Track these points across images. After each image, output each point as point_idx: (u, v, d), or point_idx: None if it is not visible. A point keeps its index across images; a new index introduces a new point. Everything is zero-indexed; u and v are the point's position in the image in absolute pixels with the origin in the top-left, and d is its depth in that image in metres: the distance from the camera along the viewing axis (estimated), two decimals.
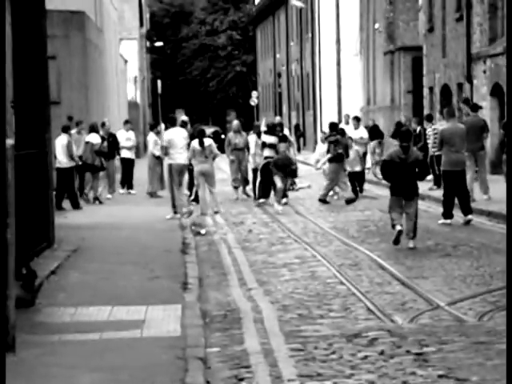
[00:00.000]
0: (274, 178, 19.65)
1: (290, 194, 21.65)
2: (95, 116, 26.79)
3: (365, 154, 25.20)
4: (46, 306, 9.44)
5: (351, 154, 21.49)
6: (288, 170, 19.59)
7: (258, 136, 21.78)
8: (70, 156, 20.20)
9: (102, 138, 21.88)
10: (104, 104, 32.57)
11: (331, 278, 11.27)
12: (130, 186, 24.10)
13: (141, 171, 24.69)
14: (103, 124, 23.21)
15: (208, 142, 18.40)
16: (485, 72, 26.07)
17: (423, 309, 9.35)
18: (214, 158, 18.55)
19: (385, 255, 12.90)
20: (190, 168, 19.10)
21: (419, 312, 9.19)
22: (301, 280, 11.20)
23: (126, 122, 26.15)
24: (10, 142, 7.67)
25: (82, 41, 27.09)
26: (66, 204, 19.77)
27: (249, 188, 22.68)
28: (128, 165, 24.02)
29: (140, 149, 39.48)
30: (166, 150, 17.86)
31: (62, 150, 19.96)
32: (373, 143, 28.53)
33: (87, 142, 21.22)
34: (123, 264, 12.11)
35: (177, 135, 17.92)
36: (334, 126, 21.90)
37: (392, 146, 17.66)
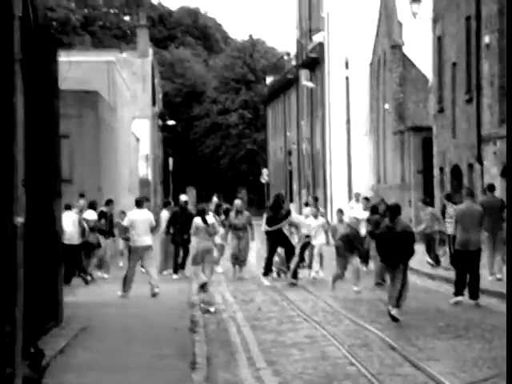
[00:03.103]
0: (342, 258, 18.64)
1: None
2: (107, 194, 26.92)
3: None
4: None
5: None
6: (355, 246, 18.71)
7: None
8: (82, 232, 20.22)
9: (102, 216, 21.68)
10: (116, 182, 32.78)
11: (341, 359, 11.14)
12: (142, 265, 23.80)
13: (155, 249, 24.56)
14: (108, 202, 22.96)
15: (211, 219, 18.45)
16: (495, 153, 26.18)
17: None
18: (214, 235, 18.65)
19: (395, 336, 12.77)
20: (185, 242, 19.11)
21: None
22: (310, 360, 11.08)
23: (146, 199, 26.18)
24: (19, 219, 7.70)
25: (95, 120, 27.42)
26: (74, 280, 19.71)
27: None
28: None
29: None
30: (125, 232, 17.99)
31: (74, 226, 19.97)
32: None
33: (83, 219, 21.11)
34: (131, 342, 12.01)
35: (140, 217, 17.98)
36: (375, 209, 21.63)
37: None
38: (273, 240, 21.38)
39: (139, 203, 18.46)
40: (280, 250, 21.56)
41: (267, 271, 21.31)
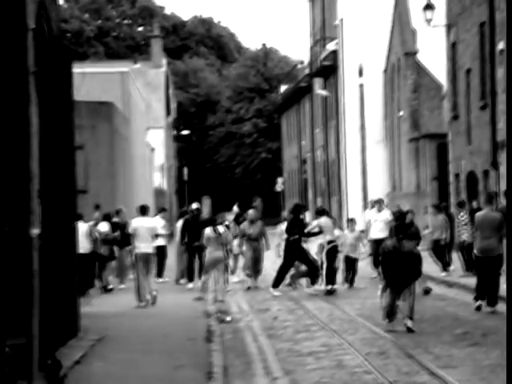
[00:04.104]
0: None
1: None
2: (122, 204, 26.98)
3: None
4: None
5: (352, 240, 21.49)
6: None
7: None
8: (94, 242, 20.29)
9: (116, 226, 21.69)
10: (131, 192, 32.85)
11: (358, 367, 11.10)
12: (160, 275, 23.78)
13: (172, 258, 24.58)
14: (118, 212, 22.95)
15: (222, 229, 18.44)
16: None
17: None
18: (226, 245, 18.57)
19: (412, 343, 12.72)
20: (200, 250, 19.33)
21: None
22: (327, 369, 11.04)
23: (162, 209, 26.20)
24: (35, 231, 7.72)
25: (110, 130, 27.50)
26: (91, 290, 19.75)
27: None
28: (161, 252, 23.67)
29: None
30: (132, 239, 18.09)
31: (85, 236, 20.03)
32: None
33: (96, 230, 21.12)
34: (148, 353, 12.01)
35: (143, 224, 18.03)
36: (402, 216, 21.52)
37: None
38: (291, 253, 20.63)
39: (143, 210, 18.49)
40: (298, 263, 21.14)
41: (278, 283, 20.83)
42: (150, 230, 18.13)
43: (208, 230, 18.38)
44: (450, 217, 23.67)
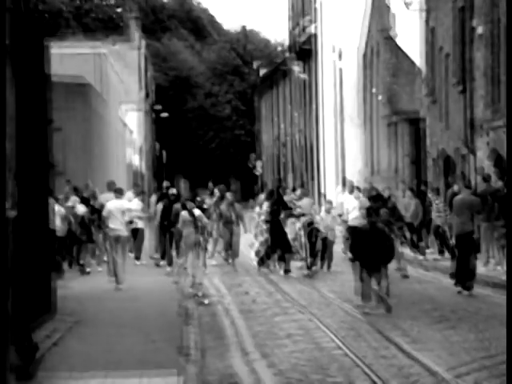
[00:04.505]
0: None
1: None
2: (98, 186, 26.86)
3: None
4: (47, 377, 9.32)
5: (328, 221, 21.47)
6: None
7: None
8: (69, 223, 20.27)
9: (94, 209, 21.52)
10: (107, 173, 32.71)
11: (335, 350, 11.14)
12: (138, 257, 23.64)
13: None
14: (86, 186, 22.67)
15: (197, 212, 18.40)
16: (487, 143, 26.20)
17: (422, 376, 9.22)
18: (202, 228, 18.45)
19: (389, 326, 12.77)
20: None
21: (418, 380, 9.07)
22: (304, 351, 11.07)
23: (135, 185, 26.02)
24: (12, 213, 7.67)
25: (84, 109, 27.33)
26: (68, 273, 19.68)
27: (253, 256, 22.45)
28: (138, 234, 23.51)
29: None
30: (106, 221, 18.08)
31: (61, 219, 19.93)
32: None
33: (70, 211, 20.97)
34: (125, 335, 11.99)
35: (116, 206, 18.02)
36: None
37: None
38: (273, 232, 20.80)
39: (111, 186, 18.42)
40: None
41: (263, 261, 21.00)
42: (123, 212, 18.04)
43: (183, 213, 18.33)
44: (425, 200, 23.78)
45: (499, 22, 25.02)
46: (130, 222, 19.72)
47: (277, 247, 20.86)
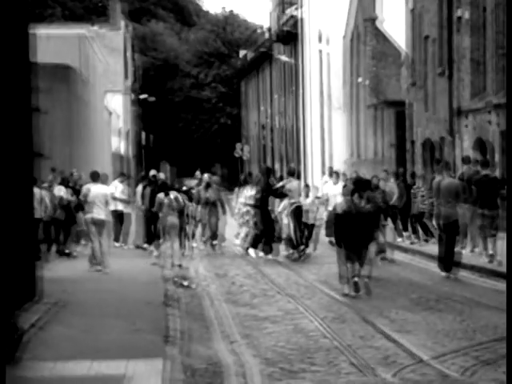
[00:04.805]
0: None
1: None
2: (80, 169, 26.81)
3: None
4: (27, 360, 9.35)
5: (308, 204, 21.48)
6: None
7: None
8: (54, 208, 20.15)
9: (75, 192, 21.47)
10: (88, 156, 32.63)
11: (314, 332, 11.23)
12: (117, 240, 23.68)
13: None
14: (71, 174, 22.71)
15: (174, 194, 18.40)
16: (467, 126, 26.34)
17: (406, 363, 9.32)
18: (181, 211, 18.45)
19: (368, 308, 12.88)
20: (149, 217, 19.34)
21: (402, 366, 9.16)
22: (284, 333, 11.16)
23: (121, 174, 25.99)
24: None
25: (67, 94, 27.24)
26: (50, 256, 19.66)
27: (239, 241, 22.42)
28: (119, 218, 23.56)
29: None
30: (84, 205, 18.02)
31: (38, 202, 19.88)
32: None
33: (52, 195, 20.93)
34: (106, 317, 12.03)
35: (95, 190, 17.93)
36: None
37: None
38: (262, 215, 20.88)
39: (94, 176, 18.31)
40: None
41: (256, 244, 21.02)
42: (102, 196, 17.94)
43: (160, 196, 18.34)
44: (407, 185, 23.89)
45: (485, 10, 25.09)
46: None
47: (263, 236, 20.94)
